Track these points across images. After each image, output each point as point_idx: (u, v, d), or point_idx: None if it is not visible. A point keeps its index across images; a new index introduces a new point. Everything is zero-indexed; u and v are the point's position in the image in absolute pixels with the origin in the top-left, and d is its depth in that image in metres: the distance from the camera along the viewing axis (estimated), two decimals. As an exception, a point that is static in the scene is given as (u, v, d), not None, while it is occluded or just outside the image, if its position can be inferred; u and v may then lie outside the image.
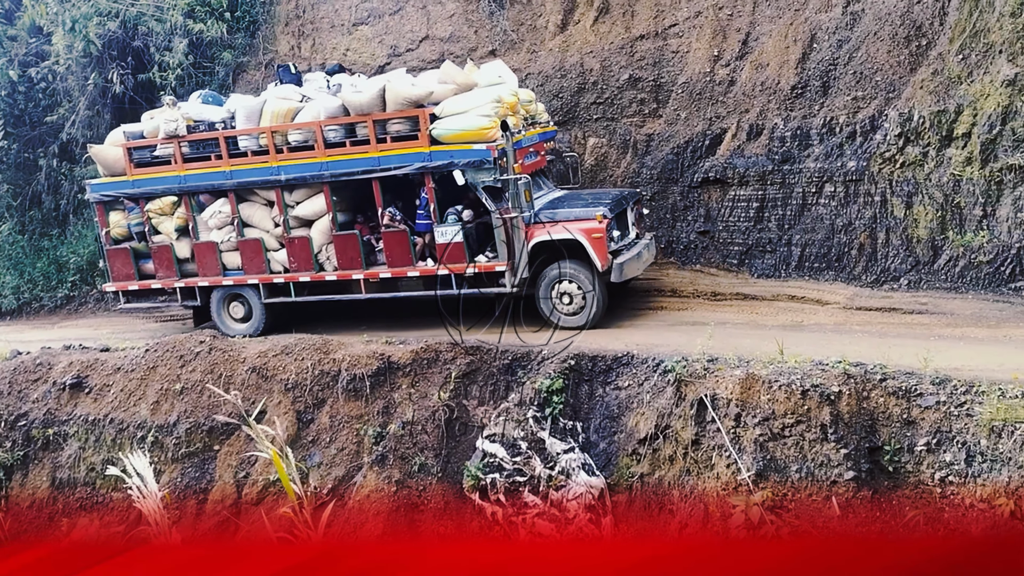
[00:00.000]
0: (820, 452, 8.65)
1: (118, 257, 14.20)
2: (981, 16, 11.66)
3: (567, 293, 12.19)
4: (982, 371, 8.67)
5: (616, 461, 10.21)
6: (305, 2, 17.97)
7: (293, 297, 13.39)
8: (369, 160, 12.51)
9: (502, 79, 13.07)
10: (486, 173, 12.03)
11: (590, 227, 11.93)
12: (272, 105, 13.14)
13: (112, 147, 14.16)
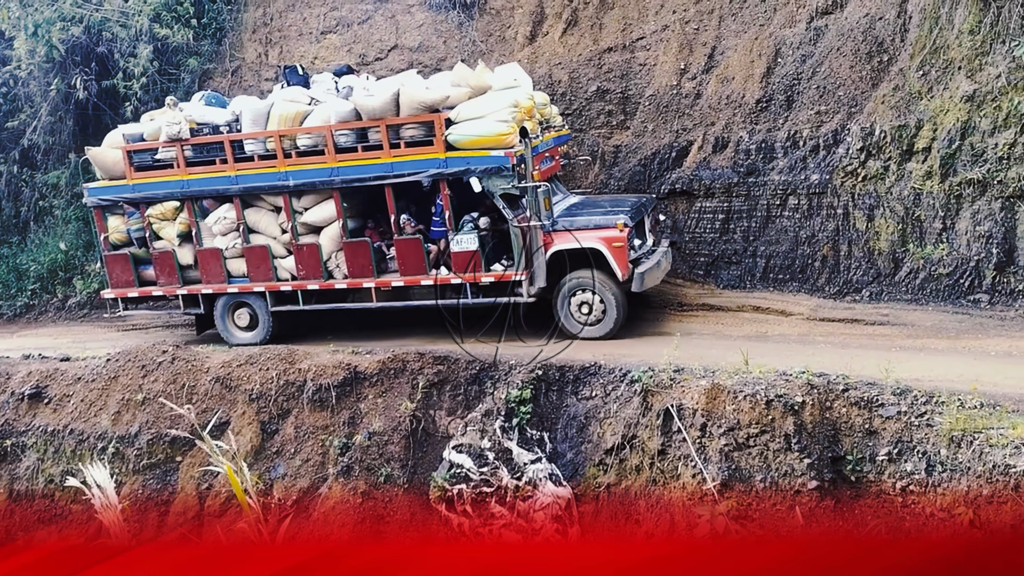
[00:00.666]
0: (784, 462, 8.71)
1: (117, 263, 13.79)
2: (941, 33, 11.90)
3: (586, 303, 11.95)
4: (942, 382, 8.82)
5: (583, 471, 10.21)
6: (273, 10, 17.88)
7: (301, 305, 13.05)
8: (382, 166, 12.14)
9: (517, 82, 12.71)
10: (504, 180, 11.73)
11: (611, 236, 11.68)
12: (280, 108, 12.72)
13: (111, 150, 13.69)
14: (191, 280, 13.54)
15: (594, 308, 11.91)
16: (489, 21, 16.58)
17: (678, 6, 15.17)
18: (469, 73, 12.42)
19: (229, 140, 12.73)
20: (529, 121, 12.18)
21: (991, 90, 11.30)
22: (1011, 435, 7.56)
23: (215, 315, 13.52)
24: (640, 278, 11.77)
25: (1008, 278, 11.39)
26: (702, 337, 11.59)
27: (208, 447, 8.93)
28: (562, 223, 11.99)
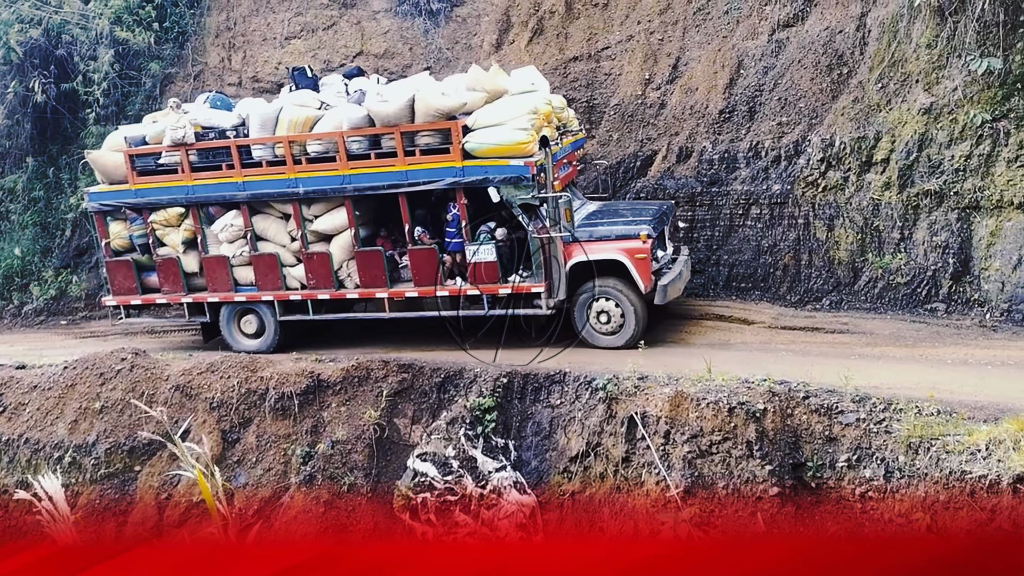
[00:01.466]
0: (746, 468, 8.79)
1: (119, 270, 13.40)
2: (899, 47, 12.14)
3: (604, 312, 11.64)
4: (900, 389, 8.95)
5: (548, 479, 10.22)
6: (236, 14, 17.74)
7: (311, 315, 12.74)
8: (396, 174, 11.76)
9: (535, 85, 12.31)
10: (523, 190, 11.37)
11: (634, 247, 11.39)
12: (289, 112, 12.32)
13: (112, 153, 13.28)
14: (196, 288, 13.21)
15: (613, 317, 11.63)
16: (455, 29, 16.61)
17: (643, 17, 15.32)
18: (484, 76, 12.04)
19: (236, 145, 12.35)
20: (548, 128, 11.87)
21: (947, 103, 11.54)
22: (967, 442, 7.69)
23: (221, 323, 13.21)
24: (663, 290, 11.50)
25: (964, 287, 11.62)
26: (666, 345, 11.67)
27: (180, 451, 8.79)
28: (582, 232, 11.65)
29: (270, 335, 13.01)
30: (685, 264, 12.36)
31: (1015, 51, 11.00)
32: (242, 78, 17.43)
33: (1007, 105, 11.13)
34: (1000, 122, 11.19)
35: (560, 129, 12.51)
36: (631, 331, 11.57)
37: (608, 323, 11.66)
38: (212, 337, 13.72)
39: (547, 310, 11.67)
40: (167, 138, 12.56)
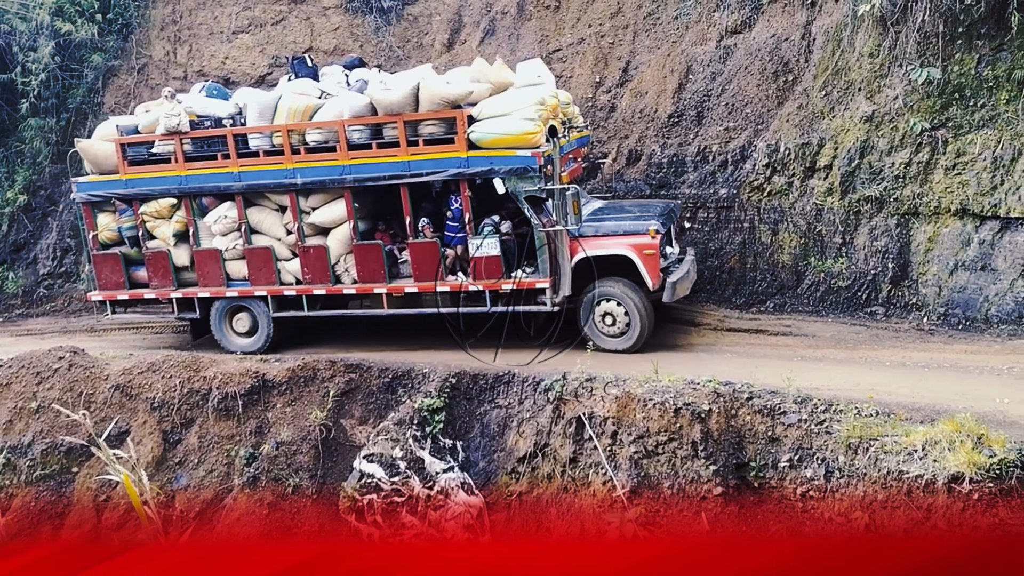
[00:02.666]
0: (691, 468, 8.89)
1: (106, 263, 12.92)
2: (842, 56, 12.40)
3: (610, 313, 11.36)
4: (840, 390, 9.13)
5: (495, 479, 10.20)
6: (183, 7, 17.42)
7: (306, 311, 12.32)
8: (398, 164, 11.39)
9: (541, 79, 11.94)
10: (530, 182, 11.04)
11: (641, 243, 11.11)
12: (288, 101, 11.93)
13: (102, 142, 12.80)
14: (186, 283, 12.75)
15: (618, 319, 11.35)
16: (407, 27, 16.54)
17: (594, 20, 15.41)
18: (489, 69, 11.76)
19: (232, 134, 11.95)
20: (554, 120, 11.58)
21: (888, 111, 11.82)
22: (904, 442, 7.87)
23: (211, 320, 12.78)
24: (672, 287, 11.19)
25: (902, 291, 11.91)
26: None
27: (105, 456, 8.58)
28: (588, 228, 11.35)
29: (263, 333, 12.62)
30: (692, 264, 12.10)
31: (953, 61, 11.31)
32: (188, 72, 17.13)
33: (945, 114, 11.44)
34: (938, 130, 11.50)
35: (565, 124, 12.22)
36: (637, 333, 11.30)
37: (613, 325, 11.39)
38: (201, 335, 13.28)
39: (551, 307, 11.37)
40: (161, 126, 12.14)
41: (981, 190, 11.16)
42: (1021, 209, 10.89)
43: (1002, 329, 10.91)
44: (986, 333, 10.91)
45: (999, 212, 11.06)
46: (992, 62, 11.10)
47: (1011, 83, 10.97)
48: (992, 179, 11.08)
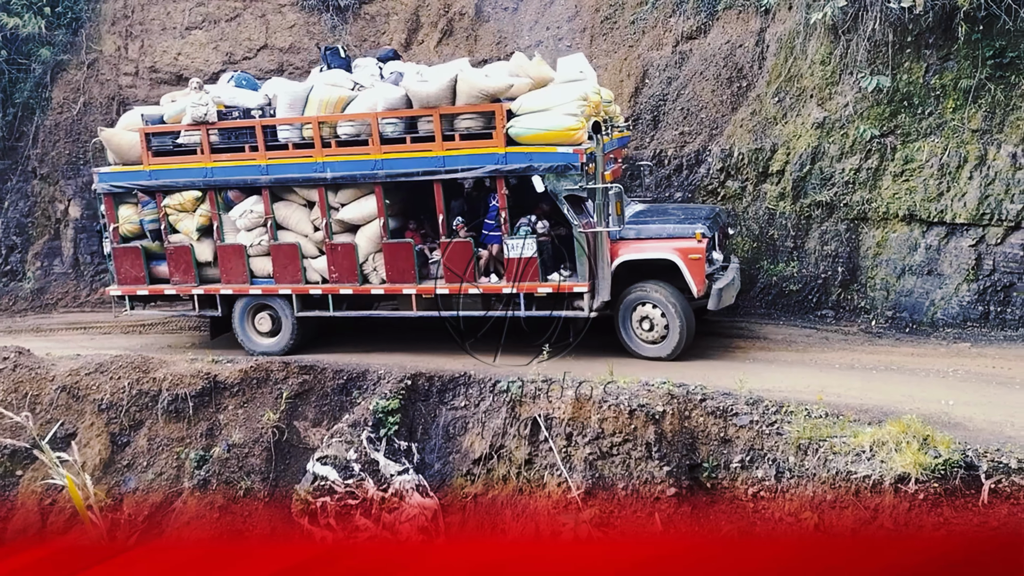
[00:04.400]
0: (645, 469, 8.96)
1: (127, 257, 12.46)
2: (795, 63, 12.60)
3: (647, 318, 10.87)
4: (791, 392, 9.26)
5: (451, 481, 10.17)
6: (134, 2, 17.10)
7: (331, 312, 11.88)
8: (432, 160, 10.90)
9: (583, 74, 11.36)
10: (570, 180, 10.57)
11: (687, 247, 10.61)
12: (320, 92, 11.46)
13: (127, 132, 12.39)
14: (208, 279, 12.31)
15: (656, 325, 10.86)
16: (363, 26, 16.43)
17: (551, 23, 15.46)
18: (528, 64, 11.27)
19: (261, 125, 11.52)
20: (596, 117, 11.11)
21: (839, 118, 12.05)
22: (852, 443, 8.01)
23: (233, 319, 12.34)
24: (718, 294, 10.73)
25: (852, 295, 12.14)
26: (570, 350, 11.76)
27: (48, 459, 8.39)
28: (630, 230, 10.90)
29: (286, 334, 12.18)
30: (736, 271, 11.65)
31: (902, 70, 11.56)
32: (139, 68, 16.83)
33: (894, 121, 11.69)
34: (887, 137, 11.75)
35: (606, 123, 11.68)
36: (675, 341, 10.81)
37: (651, 331, 10.92)
38: (220, 333, 12.85)
39: (589, 312, 10.89)
40: (187, 116, 11.75)
41: (928, 196, 11.43)
42: (966, 215, 11.18)
43: (947, 332, 11.17)
44: (932, 336, 11.17)
45: (945, 218, 11.34)
46: (939, 71, 11.37)
47: (957, 92, 11.25)
48: (938, 186, 11.36)
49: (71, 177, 16.71)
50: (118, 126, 12.87)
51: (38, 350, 12.27)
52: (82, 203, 16.70)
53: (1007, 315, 11.07)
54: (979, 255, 11.19)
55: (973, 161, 11.16)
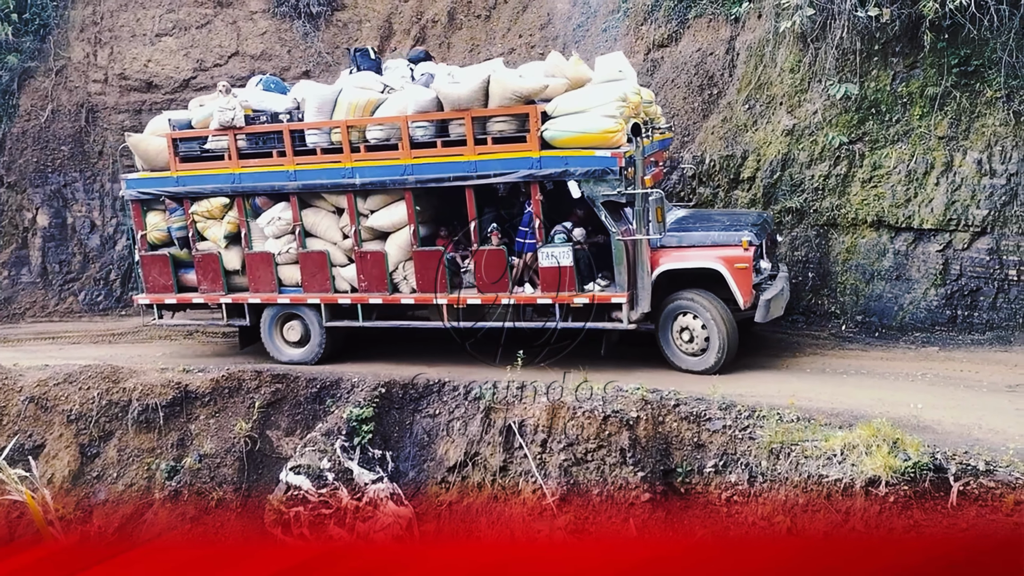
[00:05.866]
0: (619, 475, 8.97)
1: (155, 265, 12.21)
2: (764, 71, 12.74)
3: (687, 328, 10.43)
4: (763, 397, 9.31)
5: (425, 489, 10.14)
6: (104, 8, 16.93)
7: (360, 322, 11.57)
8: (464, 164, 10.53)
9: (622, 74, 10.86)
10: (608, 185, 10.13)
11: (733, 255, 10.16)
12: (349, 95, 11.12)
13: (155, 137, 12.17)
14: (237, 287, 12.04)
15: (696, 337, 10.42)
16: (336, 33, 16.40)
17: (524, 31, 15.52)
18: (565, 64, 10.84)
19: (289, 130, 11.21)
20: (636, 119, 10.61)
21: (808, 125, 12.19)
22: (824, 447, 8.07)
23: (262, 328, 12.06)
24: (766, 306, 10.30)
25: (822, 300, 12.26)
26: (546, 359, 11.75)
27: (6, 476, 8.27)
28: (671, 238, 10.48)
29: (315, 343, 11.89)
30: (786, 281, 11.15)
31: (870, 78, 11.73)
32: (108, 75, 16.66)
33: (862, 128, 11.85)
34: (855, 144, 11.90)
35: (647, 124, 11.17)
36: (715, 354, 10.37)
37: (691, 342, 10.47)
38: (250, 343, 12.52)
39: (628, 324, 10.41)
40: (214, 121, 11.49)
41: (896, 202, 11.58)
42: (933, 221, 11.34)
43: (916, 337, 11.32)
44: (901, 340, 11.30)
45: (912, 224, 11.49)
46: (906, 79, 11.54)
47: (924, 99, 11.42)
48: (906, 192, 11.51)
49: (39, 185, 16.52)
50: (146, 131, 12.66)
51: (5, 360, 12.10)
52: (50, 211, 16.52)
53: (974, 319, 11.24)
54: (946, 260, 11.36)
55: (939, 167, 11.34)
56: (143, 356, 12.64)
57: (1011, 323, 11.00)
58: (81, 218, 16.66)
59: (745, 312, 10.36)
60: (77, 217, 16.65)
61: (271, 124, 11.45)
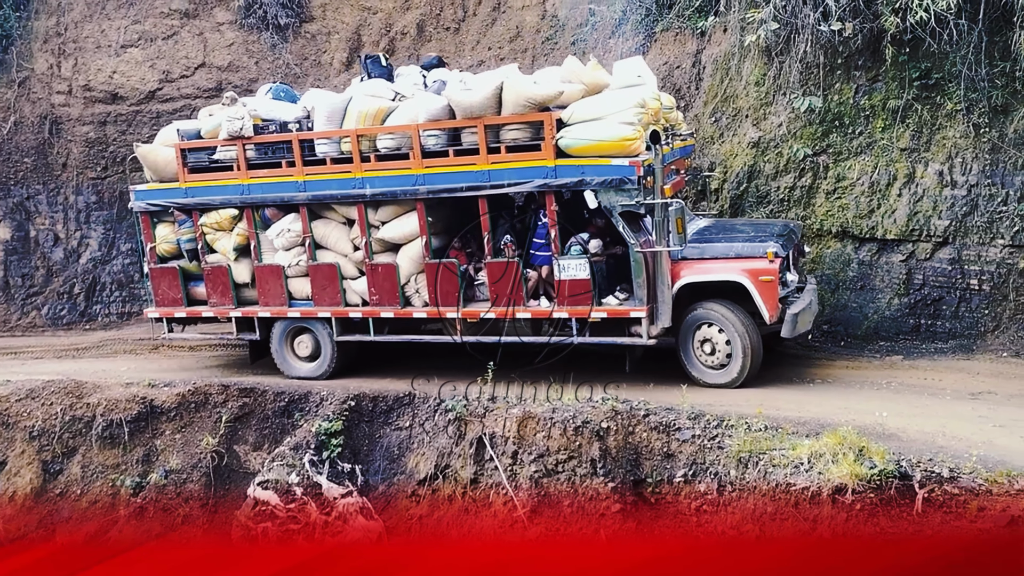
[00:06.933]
0: (590, 486, 8.98)
1: (164, 278, 11.96)
2: (730, 84, 12.89)
3: (709, 340, 10.09)
4: (731, 406, 9.36)
5: (396, 503, 10.09)
6: (68, 19, 16.73)
7: (372, 336, 11.26)
8: (477, 174, 10.23)
9: (641, 79, 10.59)
10: (626, 195, 9.81)
11: (757, 267, 9.80)
12: (359, 104, 10.86)
13: (163, 148, 11.92)
14: (247, 301, 11.77)
15: (718, 349, 10.06)
16: (304, 45, 16.35)
17: (493, 43, 15.58)
18: (582, 69, 10.52)
19: (298, 139, 10.96)
20: (656, 126, 10.20)
21: (774, 138, 12.34)
22: (791, 455, 8.14)
23: (272, 342, 11.77)
24: (793, 320, 9.89)
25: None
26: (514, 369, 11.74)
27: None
28: (692, 249, 10.13)
29: (326, 358, 11.60)
30: (814, 293, 10.78)
31: (833, 91, 11.91)
32: (72, 86, 16.46)
33: (826, 141, 12.02)
34: (820, 156, 12.06)
35: (667, 131, 10.82)
36: (739, 366, 10.01)
37: (713, 355, 10.12)
38: (260, 357, 12.19)
39: (648, 339, 10.09)
40: (223, 131, 11.25)
41: (859, 213, 11.75)
42: (896, 231, 11.53)
43: (881, 345, 11.47)
44: (866, 349, 11.44)
45: (876, 234, 11.67)
46: (869, 92, 11.74)
47: (886, 112, 11.62)
48: (869, 203, 11.69)
49: (1, 198, 16.26)
50: (156, 141, 12.44)
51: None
52: (12, 224, 16.26)
53: (937, 328, 11.42)
54: (909, 270, 11.54)
55: (902, 179, 11.53)
56: (107, 371, 12.44)
57: (973, 332, 11.20)
58: (44, 231, 16.41)
59: (771, 327, 10.02)
60: (40, 230, 16.40)
61: (280, 133, 11.23)
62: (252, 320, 11.78)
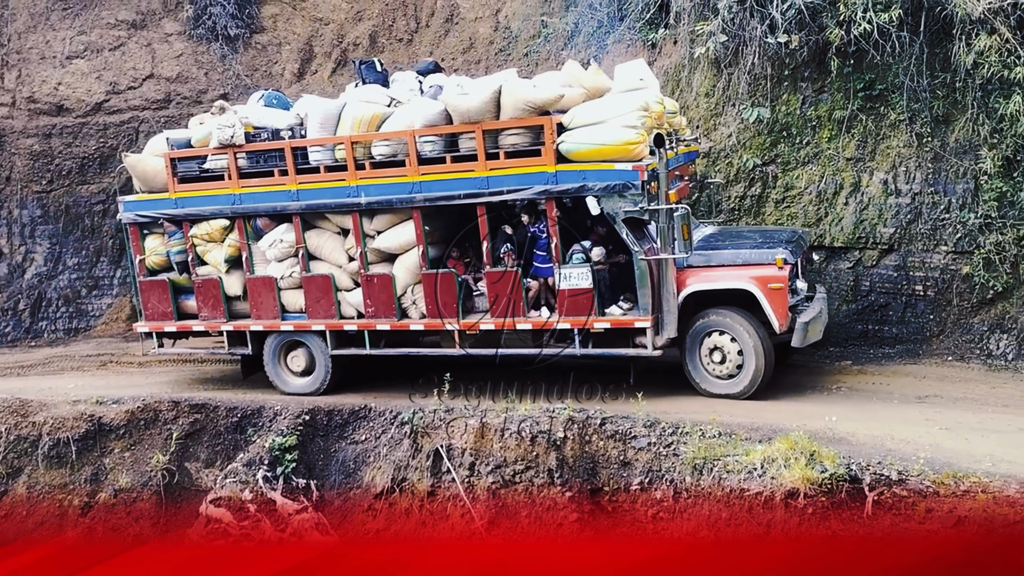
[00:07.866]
0: (547, 496, 8.99)
1: (153, 291, 11.58)
2: (681, 95, 13.06)
3: (719, 348, 9.82)
4: (686, 413, 9.44)
5: (352, 518, 9.99)
6: (11, 30, 16.40)
7: (367, 349, 10.94)
8: (475, 181, 9.92)
9: (643, 82, 10.39)
10: (629, 201, 9.55)
11: (766, 275, 9.52)
12: (353, 110, 10.56)
13: (152, 157, 11.57)
14: (239, 314, 11.42)
15: (728, 357, 9.80)
16: (255, 55, 16.22)
17: (446, 54, 15.60)
18: (582, 72, 10.36)
19: (291, 147, 10.66)
20: (660, 130, 9.96)
21: (724, 148, 12.53)
22: (745, 461, 8.23)
23: (265, 357, 11.42)
24: (803, 329, 9.62)
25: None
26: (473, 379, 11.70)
27: None
28: (698, 257, 9.83)
29: (321, 373, 11.27)
30: (824, 302, 10.58)
31: (781, 102, 12.13)
32: (16, 98, 16.13)
33: (775, 151, 12.24)
34: (769, 166, 12.28)
35: (671, 136, 10.67)
36: (751, 375, 9.74)
37: (722, 364, 9.85)
38: (252, 372, 11.87)
39: (652, 350, 9.85)
40: (214, 139, 10.94)
41: (808, 221, 11.97)
42: (843, 239, 11.77)
43: (830, 351, 11.67)
44: (816, 355, 11.59)
45: (824, 242, 11.90)
46: (815, 103, 11.98)
47: (832, 122, 11.87)
48: (817, 211, 11.93)
49: (-58, 212, 15.85)
50: (145, 151, 12.10)
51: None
52: (-41, 238, 15.84)
53: (884, 333, 11.67)
54: (857, 277, 11.78)
55: (848, 188, 11.78)
56: (54, 388, 12.15)
57: (919, 336, 11.46)
58: (-13, 246, 16.03)
59: (781, 336, 9.74)
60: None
61: (272, 141, 10.95)
62: (244, 334, 11.45)
